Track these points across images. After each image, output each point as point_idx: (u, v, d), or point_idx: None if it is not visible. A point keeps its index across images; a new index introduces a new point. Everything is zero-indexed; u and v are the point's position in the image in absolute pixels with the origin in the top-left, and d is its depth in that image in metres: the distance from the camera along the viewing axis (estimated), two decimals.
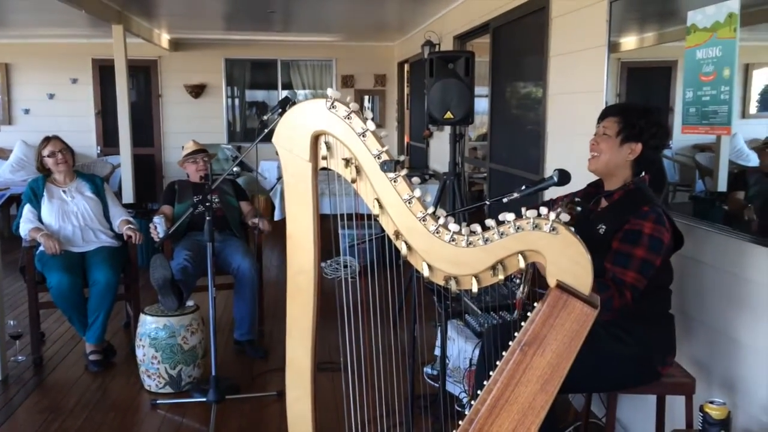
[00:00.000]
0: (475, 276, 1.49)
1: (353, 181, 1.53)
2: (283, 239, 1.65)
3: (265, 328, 4.51)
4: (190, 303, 3.75)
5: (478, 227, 1.48)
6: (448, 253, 1.49)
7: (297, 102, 1.63)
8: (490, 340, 2.24)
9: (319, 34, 8.91)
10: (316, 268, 1.61)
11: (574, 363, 2.16)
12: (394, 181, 1.50)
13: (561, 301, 1.44)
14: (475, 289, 1.50)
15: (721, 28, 2.40)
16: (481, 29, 5.40)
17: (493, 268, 1.48)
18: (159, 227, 3.91)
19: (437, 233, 1.49)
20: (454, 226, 1.49)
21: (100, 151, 9.28)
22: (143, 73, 9.48)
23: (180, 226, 4.12)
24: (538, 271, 2.45)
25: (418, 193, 1.50)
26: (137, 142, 7.30)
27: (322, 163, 1.57)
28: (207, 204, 3.26)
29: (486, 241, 1.47)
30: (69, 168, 4.15)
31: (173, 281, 3.59)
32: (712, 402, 2.10)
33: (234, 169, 3.47)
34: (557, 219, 1.43)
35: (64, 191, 4.12)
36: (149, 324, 3.57)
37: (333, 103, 1.51)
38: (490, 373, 1.53)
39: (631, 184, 2.29)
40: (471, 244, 1.47)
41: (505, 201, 2.12)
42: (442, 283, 1.53)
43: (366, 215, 1.66)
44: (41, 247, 3.89)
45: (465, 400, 3.17)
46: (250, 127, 9.96)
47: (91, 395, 3.57)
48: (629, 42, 3.26)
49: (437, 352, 3.64)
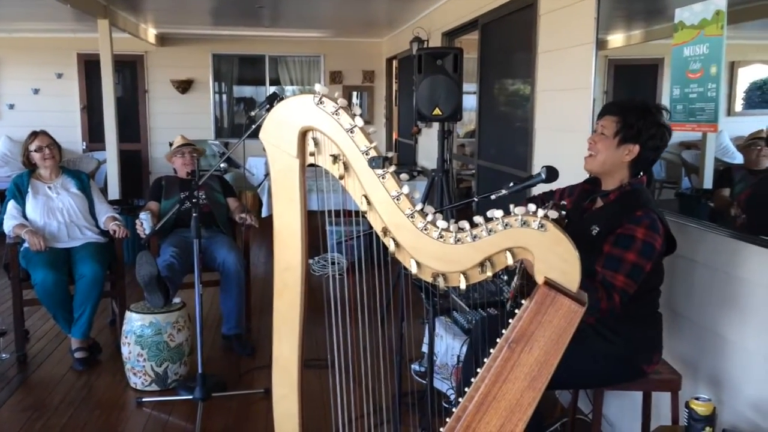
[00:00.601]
0: (463, 273, 1.49)
1: (341, 177, 1.52)
2: (270, 236, 1.64)
3: (253, 324, 4.49)
4: (177, 300, 3.73)
5: (466, 224, 1.48)
6: (436, 250, 1.48)
7: (285, 98, 1.62)
8: (478, 335, 2.24)
9: (307, 30, 8.87)
10: (304, 264, 1.60)
11: (561, 360, 2.18)
12: (383, 178, 1.49)
13: (549, 298, 1.44)
14: (463, 286, 1.49)
15: (708, 26, 2.41)
16: (469, 26, 5.39)
17: (482, 265, 1.47)
18: (145, 223, 3.88)
19: (425, 230, 1.48)
20: (442, 223, 1.48)
21: (85, 147, 9.19)
22: (129, 68, 9.39)
23: (166, 223, 4.10)
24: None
25: (406, 189, 1.49)
26: (123, 137, 7.24)
27: (310, 160, 1.55)
28: (194, 200, 3.23)
29: (474, 238, 1.46)
30: (55, 163, 4.11)
31: (159, 278, 3.57)
32: (697, 398, 2.11)
33: (221, 165, 3.45)
34: (546, 216, 1.43)
35: (50, 187, 4.08)
36: (135, 321, 3.54)
37: (321, 99, 1.49)
38: (478, 370, 1.52)
39: (628, 186, 2.26)
40: (459, 241, 1.47)
41: (493, 198, 2.12)
42: (430, 280, 1.52)
43: (354, 212, 1.65)
44: (26, 244, 3.85)
45: (452, 397, 3.17)
46: (238, 123, 9.90)
47: (76, 393, 3.54)
48: (616, 39, 3.26)
49: (425, 348, 3.64)
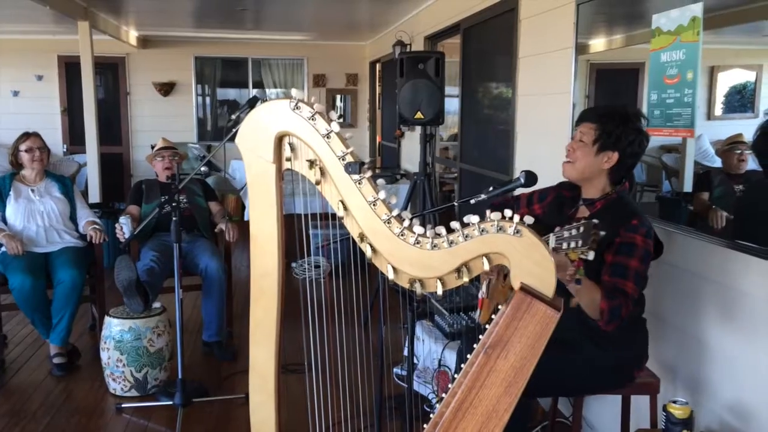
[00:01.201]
0: (440, 278, 1.49)
1: (317, 182, 1.52)
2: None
3: (234, 329, 4.46)
4: (157, 305, 3.70)
5: (443, 230, 1.48)
6: (413, 255, 1.48)
7: (267, 101, 1.61)
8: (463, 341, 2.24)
9: (290, 33, 8.85)
10: (281, 270, 1.59)
11: (554, 369, 2.17)
12: (359, 183, 1.49)
13: (525, 303, 1.44)
14: (439, 291, 1.49)
15: (684, 32, 2.43)
16: (451, 30, 5.41)
17: (458, 270, 1.47)
18: (125, 227, 3.84)
19: (402, 236, 1.48)
20: (419, 229, 1.48)
21: (66, 150, 9.09)
22: (111, 71, 9.31)
23: (146, 227, 4.05)
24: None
25: (382, 195, 1.49)
26: (105, 140, 7.16)
27: (287, 165, 1.55)
28: (174, 204, 3.21)
29: (451, 243, 1.46)
30: (42, 167, 4.09)
31: (138, 283, 3.54)
32: (675, 402, 2.13)
33: (202, 168, 3.43)
34: (521, 221, 1.43)
35: (33, 190, 4.05)
36: (114, 326, 3.51)
37: (297, 104, 1.49)
38: (455, 375, 1.52)
39: (614, 193, 2.25)
40: (436, 246, 1.47)
41: (473, 202, 2.11)
42: (406, 285, 1.52)
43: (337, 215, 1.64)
44: (3, 248, 3.80)
45: (434, 401, 3.17)
46: (222, 126, 9.85)
47: (54, 399, 3.50)
48: (598, 44, 3.28)
49: (407, 352, 3.64)
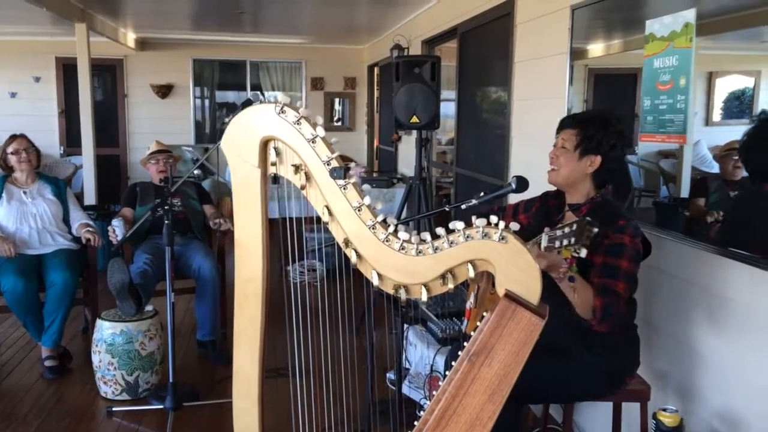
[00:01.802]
0: (425, 285, 1.48)
1: (303, 187, 1.51)
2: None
3: (228, 331, 4.42)
4: (149, 308, 3.68)
5: (428, 236, 1.47)
6: (398, 261, 1.47)
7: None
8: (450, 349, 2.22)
9: (288, 36, 8.84)
10: (265, 275, 1.58)
11: (545, 375, 2.16)
12: (344, 188, 1.48)
13: (509, 311, 1.43)
14: (424, 298, 1.48)
15: (677, 38, 2.43)
16: (448, 34, 5.40)
17: (443, 277, 1.46)
18: (118, 230, 3.83)
19: (387, 241, 1.47)
20: (403, 235, 1.47)
21: (63, 152, 9.08)
22: (109, 73, 9.31)
23: (140, 230, 4.05)
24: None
25: (368, 200, 1.48)
26: (102, 142, 7.15)
27: (272, 170, 1.54)
28: (166, 207, 3.20)
29: (435, 250, 1.45)
30: (31, 168, 4.07)
31: (131, 286, 3.52)
32: (664, 409, 2.12)
33: (195, 172, 3.41)
34: (507, 228, 1.42)
35: (25, 192, 4.04)
36: (106, 329, 3.50)
37: (282, 108, 1.48)
38: (440, 383, 1.51)
39: (598, 197, 2.25)
40: (421, 252, 1.46)
41: (463, 207, 2.11)
42: (391, 291, 1.51)
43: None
44: None
45: (425, 407, 3.15)
46: (221, 129, 9.85)
47: (45, 402, 3.48)
48: (596, 49, 3.28)
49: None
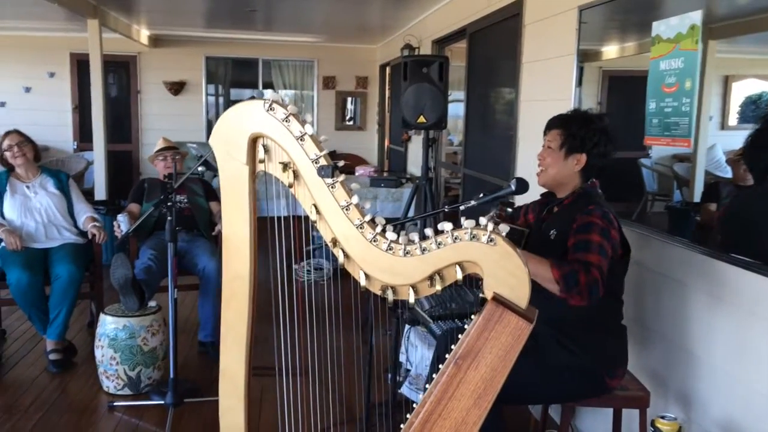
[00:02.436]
0: (412, 286, 1.46)
1: (290, 185, 1.49)
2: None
3: None
4: (153, 304, 3.69)
5: (416, 236, 1.45)
6: (385, 262, 1.45)
7: None
8: (441, 347, 2.21)
9: (300, 35, 8.85)
10: (253, 273, 1.57)
11: (523, 374, 2.14)
12: (332, 187, 1.46)
13: (496, 314, 1.41)
14: (411, 299, 1.46)
15: (683, 40, 2.39)
16: (458, 34, 5.38)
17: (431, 278, 1.44)
18: (123, 225, 3.84)
19: (374, 241, 1.45)
20: (391, 235, 1.45)
21: (76, 147, 9.14)
22: (123, 69, 9.37)
23: (146, 225, 4.06)
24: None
25: (356, 199, 1.46)
26: (115, 138, 7.20)
27: (260, 167, 1.52)
28: (169, 204, 3.20)
29: (423, 251, 1.43)
30: (27, 161, 4.05)
31: (134, 281, 3.53)
32: (663, 417, 2.09)
33: (199, 168, 3.42)
34: (496, 230, 1.40)
35: (28, 186, 4.05)
36: (108, 324, 3.51)
37: (271, 105, 1.47)
38: (427, 385, 1.49)
39: (580, 189, 2.30)
40: (408, 253, 1.44)
41: (462, 209, 2.10)
42: (378, 292, 1.49)
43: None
44: (2, 243, 3.81)
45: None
46: None
47: (48, 395, 3.50)
48: (610, 51, 3.24)
49: (402, 358, 3.61)
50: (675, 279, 2.46)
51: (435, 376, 1.48)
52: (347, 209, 1.46)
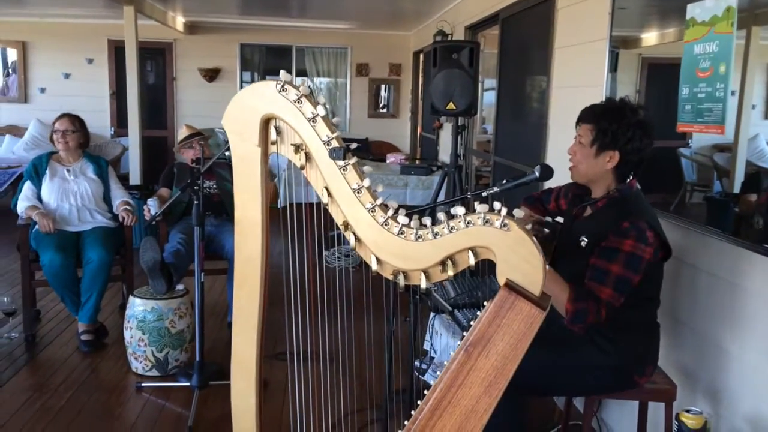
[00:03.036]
0: (424, 271, 1.43)
1: (302, 167, 1.48)
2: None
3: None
4: (180, 287, 3.73)
5: (428, 221, 1.42)
6: (397, 246, 1.43)
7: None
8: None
9: (334, 21, 8.83)
10: (264, 256, 1.56)
11: (551, 367, 2.11)
12: (344, 170, 1.44)
13: (509, 301, 1.37)
14: (423, 285, 1.44)
15: (718, 23, 2.30)
16: (491, 20, 5.29)
17: (443, 263, 1.41)
18: (152, 209, 3.89)
19: (386, 225, 1.43)
20: (403, 219, 1.43)
21: (113, 132, 9.30)
22: (159, 56, 9.48)
23: (176, 210, 4.11)
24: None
25: (367, 182, 1.44)
26: (151, 124, 7.28)
27: (272, 149, 1.51)
28: (195, 188, 3.22)
29: (435, 235, 1.40)
30: (69, 149, 4.14)
31: (163, 264, 3.57)
32: (688, 410, 2.03)
33: (226, 153, 3.41)
34: (509, 215, 1.36)
35: (68, 170, 4.13)
36: (137, 306, 3.56)
37: (283, 86, 1.45)
38: (438, 372, 1.47)
39: (616, 192, 2.16)
40: (420, 238, 1.41)
41: (484, 195, 2.06)
42: (390, 277, 1.47)
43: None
44: (37, 226, 3.89)
45: None
46: None
47: (78, 375, 3.57)
48: (650, 38, 3.15)
49: (426, 345, 3.59)
50: (710, 272, 2.38)
51: (446, 362, 1.46)
52: (359, 192, 1.43)
